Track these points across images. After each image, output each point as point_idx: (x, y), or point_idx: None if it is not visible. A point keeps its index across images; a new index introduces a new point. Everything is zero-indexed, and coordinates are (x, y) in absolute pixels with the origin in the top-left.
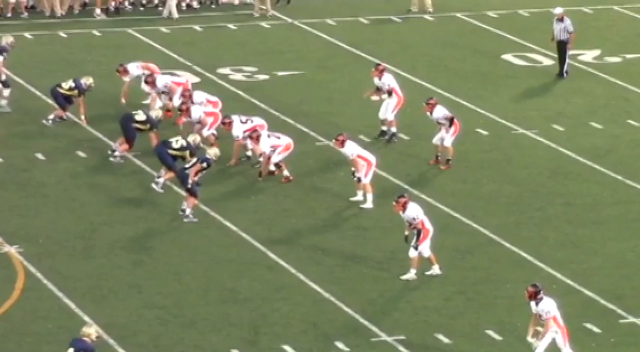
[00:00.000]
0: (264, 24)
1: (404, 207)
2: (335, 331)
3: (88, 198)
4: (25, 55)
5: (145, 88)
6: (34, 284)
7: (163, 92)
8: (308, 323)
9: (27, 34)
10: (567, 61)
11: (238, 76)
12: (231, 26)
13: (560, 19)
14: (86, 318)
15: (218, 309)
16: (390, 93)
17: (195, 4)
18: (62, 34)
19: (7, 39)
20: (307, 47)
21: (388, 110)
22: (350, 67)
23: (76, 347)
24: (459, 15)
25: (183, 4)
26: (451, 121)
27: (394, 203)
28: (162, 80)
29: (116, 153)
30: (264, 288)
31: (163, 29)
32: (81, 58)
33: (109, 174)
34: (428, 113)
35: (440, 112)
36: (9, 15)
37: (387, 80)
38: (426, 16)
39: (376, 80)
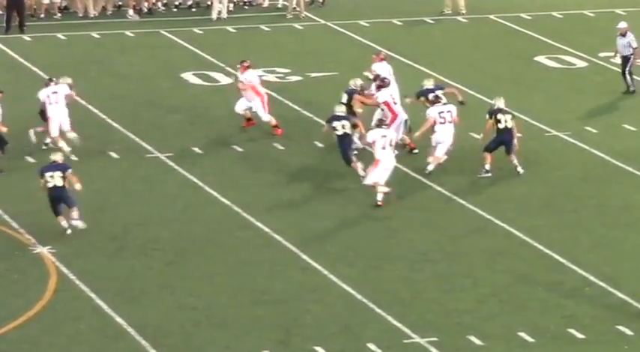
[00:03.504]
0: (297, 25)
1: None
2: (367, 332)
3: (121, 199)
4: (58, 56)
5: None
6: (66, 285)
7: None
8: (340, 325)
9: (60, 35)
10: (632, 76)
11: (271, 77)
12: (264, 27)
13: (623, 34)
14: (118, 319)
15: (250, 310)
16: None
17: (230, 6)
18: (95, 35)
19: None
20: (340, 49)
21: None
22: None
23: None
24: (492, 17)
25: (221, 6)
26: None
27: None
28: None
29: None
30: (297, 290)
31: (196, 30)
32: (114, 59)
33: (141, 175)
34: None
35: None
36: (42, 16)
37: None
38: (459, 18)
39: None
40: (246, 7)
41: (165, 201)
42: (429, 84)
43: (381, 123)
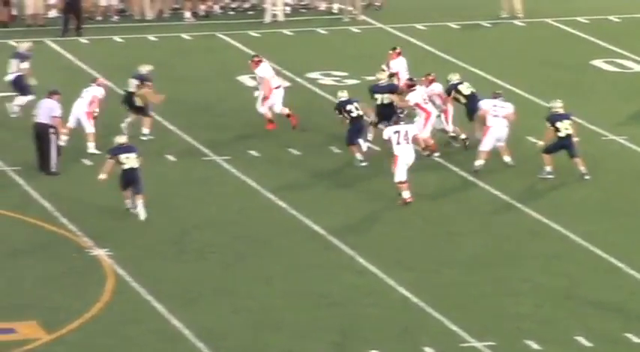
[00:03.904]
0: (354, 29)
1: None
2: (424, 336)
3: (179, 202)
4: (114, 59)
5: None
6: (123, 288)
7: None
8: (397, 328)
9: (117, 38)
10: None
11: (328, 81)
12: (320, 31)
13: None
14: (175, 322)
15: (307, 313)
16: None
17: (288, 9)
18: (152, 38)
19: (24, 45)
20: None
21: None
22: (439, 72)
23: None
24: (549, 20)
25: (277, 9)
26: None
27: None
28: None
29: None
30: (354, 293)
31: (252, 33)
32: (170, 62)
33: (199, 177)
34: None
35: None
36: (99, 18)
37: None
38: (516, 21)
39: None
40: (302, 10)
41: (223, 204)
42: (455, 78)
43: (397, 120)
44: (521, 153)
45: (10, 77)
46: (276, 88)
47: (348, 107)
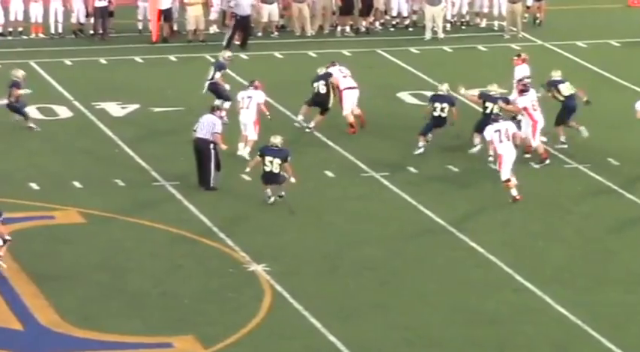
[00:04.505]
0: (514, 46)
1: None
2: None
3: (335, 218)
4: (274, 74)
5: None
6: (280, 303)
7: None
8: (554, 347)
9: (277, 54)
10: None
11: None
12: (481, 47)
13: None
14: (331, 338)
15: (464, 331)
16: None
17: (448, 26)
18: (312, 54)
19: (225, 54)
20: (557, 69)
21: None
22: (599, 89)
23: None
24: None
25: (437, 26)
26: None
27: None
28: None
29: None
30: (510, 310)
31: (413, 50)
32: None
33: (356, 194)
34: None
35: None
36: (259, 34)
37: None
38: None
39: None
40: (463, 27)
41: (380, 220)
42: (556, 75)
43: (496, 118)
44: None
45: (207, 83)
46: (347, 88)
47: (436, 104)
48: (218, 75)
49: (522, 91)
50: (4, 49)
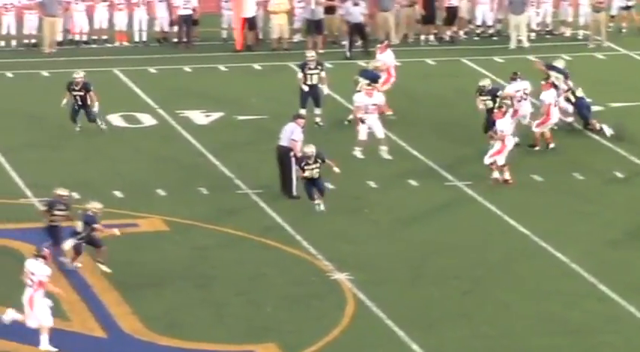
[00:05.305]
0: (598, 55)
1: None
2: None
3: (419, 227)
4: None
5: None
6: (363, 312)
7: None
8: None
9: (361, 63)
10: None
11: (568, 105)
12: (565, 56)
13: None
14: (415, 347)
15: (548, 340)
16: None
17: (532, 35)
18: (396, 62)
19: (372, 64)
20: None
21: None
22: None
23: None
24: None
25: (522, 35)
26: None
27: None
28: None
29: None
30: (595, 320)
31: (498, 59)
32: (414, 86)
33: (440, 203)
34: None
35: None
36: (344, 43)
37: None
38: None
39: None
40: (547, 37)
41: (463, 229)
42: (559, 64)
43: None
44: None
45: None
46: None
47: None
48: (365, 82)
49: (554, 86)
50: (89, 56)
